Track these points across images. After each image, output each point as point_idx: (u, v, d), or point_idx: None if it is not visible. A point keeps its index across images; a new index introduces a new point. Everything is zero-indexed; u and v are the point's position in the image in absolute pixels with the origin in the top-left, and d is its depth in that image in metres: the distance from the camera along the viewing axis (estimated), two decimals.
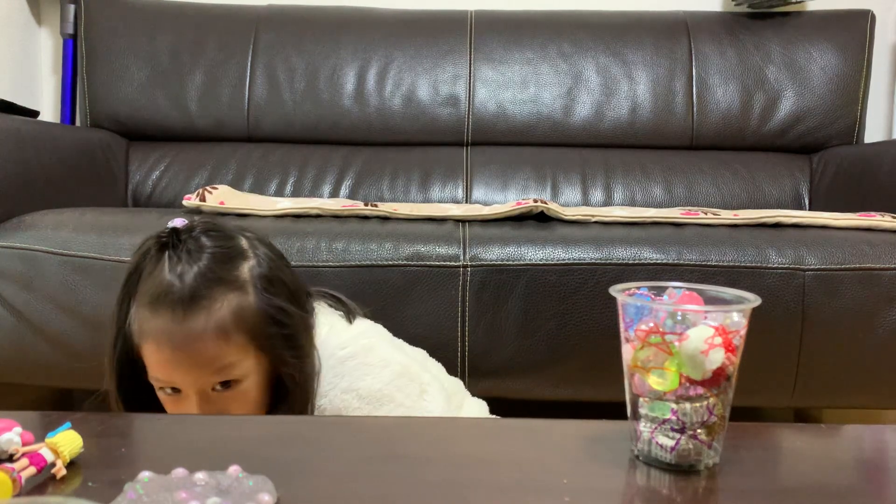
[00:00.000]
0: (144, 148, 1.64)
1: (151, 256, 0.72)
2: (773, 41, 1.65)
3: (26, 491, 0.46)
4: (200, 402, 0.70)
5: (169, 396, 0.72)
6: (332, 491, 0.47)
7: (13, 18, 1.74)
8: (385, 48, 1.65)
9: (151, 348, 0.70)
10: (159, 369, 0.71)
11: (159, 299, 0.69)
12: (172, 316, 0.69)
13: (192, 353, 0.69)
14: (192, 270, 0.70)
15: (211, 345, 0.69)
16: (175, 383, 0.71)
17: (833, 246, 1.03)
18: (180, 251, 0.71)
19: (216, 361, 0.70)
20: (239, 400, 0.72)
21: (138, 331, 0.71)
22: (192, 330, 0.69)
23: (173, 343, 0.69)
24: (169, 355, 0.69)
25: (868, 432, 0.62)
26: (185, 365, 0.69)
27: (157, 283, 0.70)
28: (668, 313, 0.50)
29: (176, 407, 0.72)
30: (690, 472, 0.50)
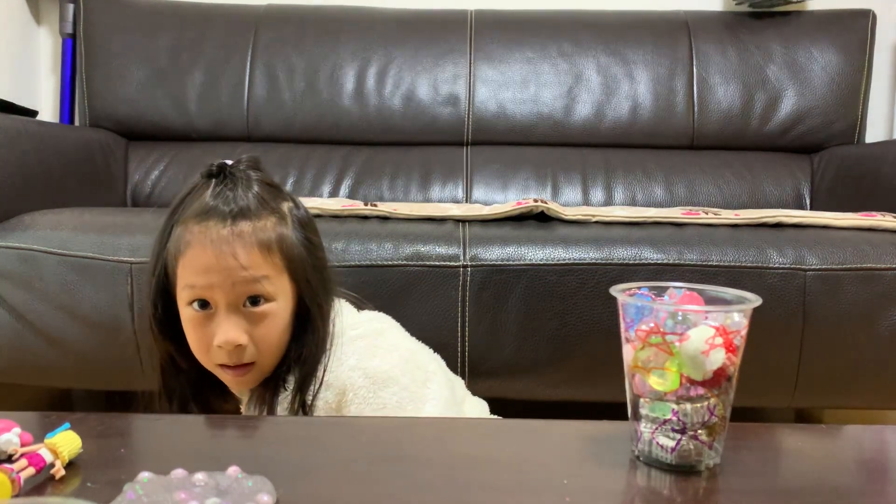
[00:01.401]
0: (144, 147, 1.64)
1: (199, 185, 0.76)
2: (774, 41, 1.65)
3: (25, 491, 0.46)
4: (230, 314, 0.71)
5: (197, 315, 0.72)
6: (332, 491, 0.47)
7: (12, 18, 1.74)
8: (385, 47, 1.65)
9: (195, 253, 0.71)
10: (199, 274, 0.71)
11: (208, 212, 0.72)
12: (221, 222, 0.71)
13: (237, 255, 0.70)
14: (241, 193, 0.73)
15: (253, 252, 0.71)
16: (210, 291, 0.71)
17: (834, 246, 1.03)
18: (229, 180, 0.74)
19: (254, 269, 0.71)
20: (266, 322, 0.73)
21: (180, 243, 0.72)
22: (238, 235, 0.71)
23: (219, 245, 0.71)
24: (212, 258, 0.70)
25: (869, 433, 0.62)
26: (226, 268, 0.70)
27: (206, 202, 0.73)
28: (669, 313, 0.50)
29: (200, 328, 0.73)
30: (691, 472, 0.50)
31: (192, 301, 0.72)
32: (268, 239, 0.73)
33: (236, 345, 0.71)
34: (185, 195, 0.76)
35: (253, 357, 0.73)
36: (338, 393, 0.75)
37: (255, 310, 0.72)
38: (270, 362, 0.75)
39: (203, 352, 0.74)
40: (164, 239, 0.75)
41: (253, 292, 0.72)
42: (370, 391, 0.74)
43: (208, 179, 0.75)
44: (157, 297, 0.75)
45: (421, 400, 0.76)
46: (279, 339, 0.75)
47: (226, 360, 0.72)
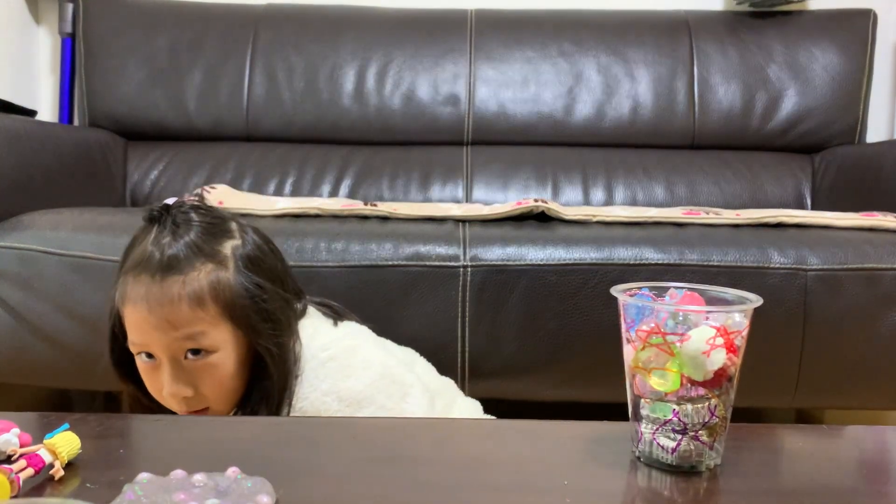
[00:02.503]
0: (143, 147, 1.64)
1: (142, 229, 0.76)
2: (775, 40, 1.64)
3: (24, 492, 0.46)
4: (172, 369, 0.72)
5: (145, 364, 0.74)
6: (331, 492, 0.47)
7: (11, 17, 1.74)
8: (385, 47, 1.65)
9: (129, 310, 0.72)
10: (135, 330, 0.72)
11: (140, 265, 0.72)
12: (151, 279, 0.71)
13: (166, 314, 0.71)
14: (175, 241, 0.73)
15: (185, 308, 0.71)
16: (149, 347, 0.72)
17: (835, 246, 1.03)
18: (167, 223, 0.74)
19: (188, 326, 0.71)
20: (210, 372, 0.73)
21: (120, 296, 0.73)
22: (168, 292, 0.71)
23: (149, 303, 0.71)
24: (145, 315, 0.71)
25: (870, 433, 0.62)
26: (159, 326, 0.71)
27: (142, 251, 0.73)
28: (670, 314, 0.50)
29: (151, 377, 0.74)
30: (692, 473, 0.50)
31: (137, 352, 0.74)
32: (199, 292, 0.72)
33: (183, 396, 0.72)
34: (134, 237, 0.77)
35: (205, 403, 0.74)
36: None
37: (198, 362, 0.72)
38: (226, 405, 0.76)
39: (159, 396, 0.75)
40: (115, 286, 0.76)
41: (191, 346, 0.72)
42: (346, 414, 0.74)
43: (150, 224, 0.75)
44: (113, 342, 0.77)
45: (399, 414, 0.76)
46: (228, 386, 0.75)
47: (179, 408, 0.74)
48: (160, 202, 0.76)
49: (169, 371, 0.72)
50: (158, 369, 0.73)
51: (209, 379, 0.73)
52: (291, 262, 1.02)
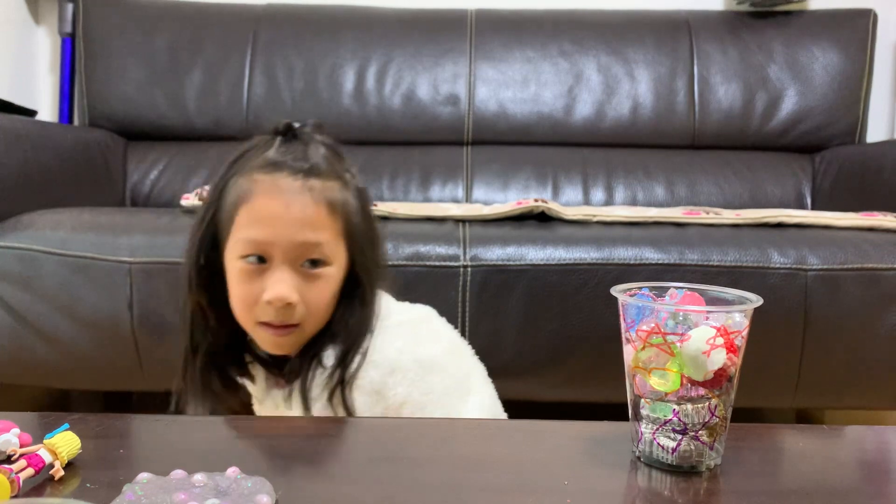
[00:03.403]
0: (143, 147, 1.64)
1: (263, 142, 0.74)
2: (775, 40, 1.64)
3: (24, 492, 0.46)
4: (286, 273, 0.69)
5: (249, 267, 0.70)
6: (332, 492, 0.47)
7: (11, 17, 1.74)
8: (385, 47, 1.65)
9: (261, 203, 0.69)
10: (263, 225, 0.69)
11: (275, 165, 0.70)
12: (291, 177, 0.70)
13: (303, 212, 0.69)
14: (309, 151, 0.72)
15: (323, 212, 0.70)
16: (270, 245, 0.69)
17: (835, 246, 1.03)
18: (297, 139, 0.73)
19: (319, 230, 0.70)
20: (319, 286, 0.71)
21: (243, 192, 0.70)
22: (309, 189, 0.70)
23: (287, 198, 0.69)
24: (282, 210, 0.68)
25: (870, 433, 0.62)
26: (292, 224, 0.69)
27: (274, 156, 0.71)
28: (670, 314, 0.50)
29: (250, 282, 0.70)
30: (692, 473, 0.50)
31: (247, 253, 0.69)
32: (334, 200, 0.71)
33: (287, 303, 0.68)
34: (246, 150, 0.74)
35: (300, 318, 0.70)
36: (385, 373, 0.73)
37: (311, 272, 0.70)
38: (314, 328, 0.73)
39: (247, 307, 0.71)
40: (219, 189, 0.73)
41: (312, 254, 0.70)
42: (418, 374, 0.73)
43: (273, 137, 0.74)
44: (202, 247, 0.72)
45: (466, 390, 0.76)
46: (328, 305, 0.72)
47: (272, 317, 0.69)
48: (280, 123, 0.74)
49: (282, 274, 0.69)
50: (262, 274, 0.69)
51: (316, 292, 0.71)
52: None
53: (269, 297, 0.68)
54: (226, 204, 0.72)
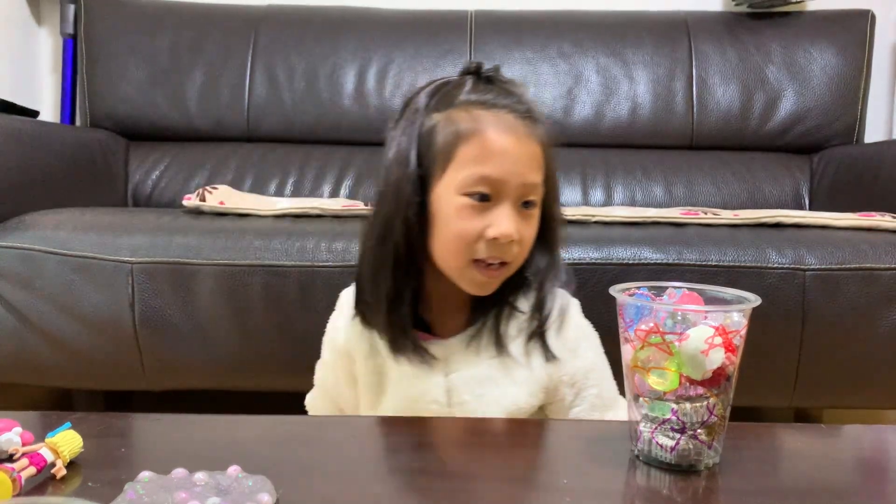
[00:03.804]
0: (144, 148, 1.64)
1: (454, 82, 0.73)
2: (774, 41, 1.65)
3: (26, 491, 0.46)
4: (511, 209, 0.68)
5: (472, 204, 0.68)
6: (332, 491, 0.47)
7: (13, 18, 1.74)
8: (385, 48, 1.65)
9: (491, 137, 0.67)
10: (493, 161, 0.67)
11: (496, 103, 0.69)
12: (515, 117, 0.69)
13: (532, 151, 0.68)
14: (518, 93, 0.71)
15: (540, 154, 0.69)
16: (496, 183, 0.67)
17: (833, 246, 1.03)
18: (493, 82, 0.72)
19: (538, 173, 0.69)
20: (530, 226, 0.70)
21: (466, 128, 0.68)
22: (535, 133, 0.69)
23: (518, 136, 0.68)
24: (512, 147, 0.67)
25: (868, 432, 0.62)
26: (521, 162, 0.68)
27: (485, 91, 0.70)
28: (669, 313, 0.50)
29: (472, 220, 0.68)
30: (690, 472, 0.50)
31: (475, 189, 0.67)
32: (547, 143, 0.71)
33: (511, 239, 0.68)
34: (438, 88, 0.73)
35: (514, 257, 0.70)
36: (579, 336, 0.74)
37: (525, 212, 0.69)
38: (516, 268, 0.72)
39: (465, 244, 0.68)
40: (419, 125, 0.71)
41: (532, 195, 0.69)
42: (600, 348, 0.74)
43: (462, 77, 0.73)
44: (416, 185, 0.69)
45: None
46: (531, 245, 0.72)
47: (493, 253, 0.68)
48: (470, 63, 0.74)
49: (508, 210, 0.67)
50: (484, 211, 0.68)
51: (528, 230, 0.70)
52: (292, 261, 1.03)
53: (496, 233, 0.67)
54: (436, 139, 0.69)
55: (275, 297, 1.03)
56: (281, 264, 1.03)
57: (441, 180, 0.69)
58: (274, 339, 1.04)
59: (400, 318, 0.71)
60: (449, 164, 0.69)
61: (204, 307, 1.03)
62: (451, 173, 0.69)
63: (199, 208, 1.17)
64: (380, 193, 0.73)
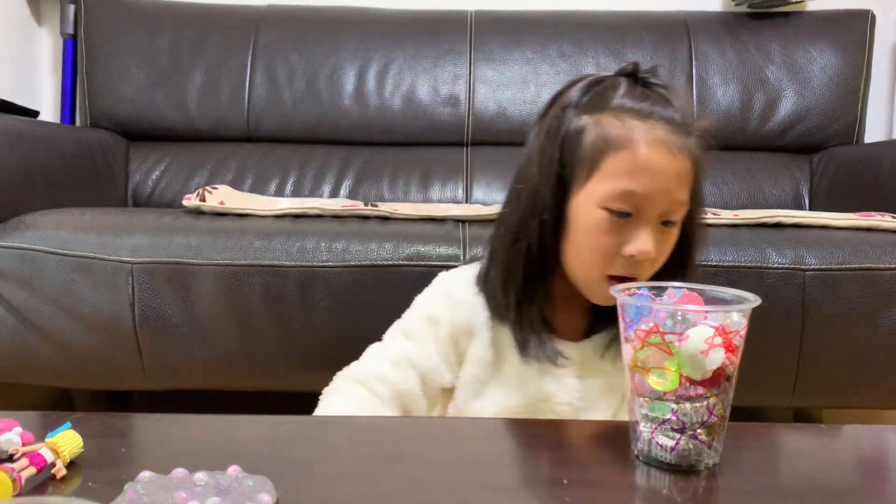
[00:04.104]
0: (144, 148, 1.64)
1: (608, 82, 0.70)
2: (774, 41, 1.65)
3: (26, 491, 0.46)
4: (651, 227, 0.65)
5: (611, 220, 0.65)
6: (332, 491, 0.47)
7: (13, 18, 1.74)
8: (385, 48, 1.65)
9: (643, 153, 0.64)
10: (642, 176, 0.64)
11: (651, 112, 0.66)
12: (667, 126, 0.65)
13: (683, 167, 0.65)
14: (673, 101, 0.68)
15: (690, 170, 0.66)
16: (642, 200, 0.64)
17: (833, 246, 1.03)
18: (650, 85, 0.69)
19: (686, 191, 0.66)
20: (667, 243, 0.68)
21: (618, 137, 0.65)
22: (688, 147, 0.66)
23: (671, 148, 0.64)
24: (665, 161, 0.64)
25: (868, 432, 0.62)
26: (672, 178, 0.64)
27: (641, 98, 0.67)
28: (668, 313, 0.50)
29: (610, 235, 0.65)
30: (690, 472, 0.50)
31: (618, 206, 0.65)
32: (698, 158, 0.67)
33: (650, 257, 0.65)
34: (591, 85, 0.70)
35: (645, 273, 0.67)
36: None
37: (665, 228, 0.67)
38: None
39: (600, 258, 0.66)
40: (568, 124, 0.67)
41: (676, 214, 0.66)
42: None
43: (617, 77, 0.70)
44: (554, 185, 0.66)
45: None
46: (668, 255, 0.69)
47: (628, 270, 0.66)
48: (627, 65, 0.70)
49: (650, 228, 0.65)
50: (625, 226, 0.65)
51: (664, 249, 0.67)
52: (292, 261, 1.03)
53: (635, 251, 0.64)
54: (583, 143, 0.66)
55: (275, 297, 1.03)
56: (281, 264, 1.03)
57: (583, 188, 0.66)
58: (274, 339, 1.04)
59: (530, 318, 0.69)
60: (594, 172, 0.66)
61: (204, 307, 1.03)
62: (595, 184, 0.66)
63: (199, 208, 1.17)
64: (517, 190, 0.71)
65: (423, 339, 0.77)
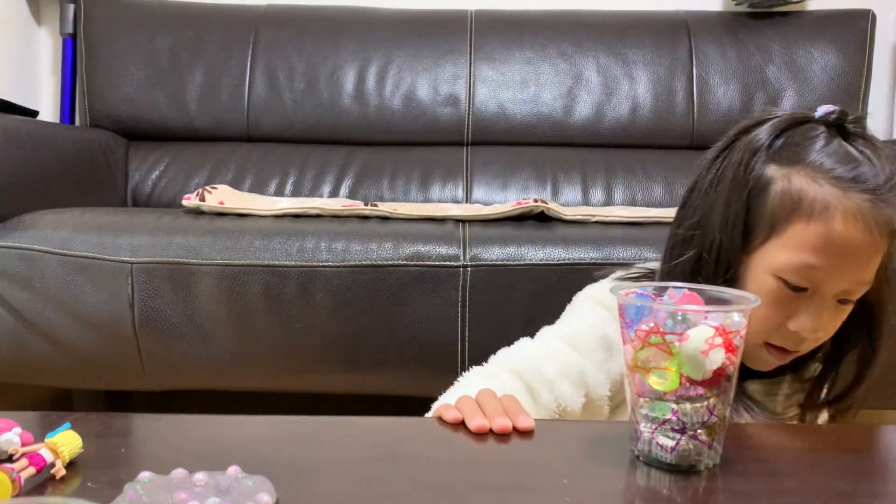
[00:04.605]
0: (144, 148, 1.64)
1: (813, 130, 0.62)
2: (774, 41, 1.65)
3: (26, 491, 0.46)
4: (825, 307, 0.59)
5: (783, 292, 0.60)
6: (332, 491, 0.47)
7: (12, 18, 1.74)
8: (385, 48, 1.65)
9: (836, 229, 0.57)
10: (831, 256, 0.58)
11: (854, 177, 0.58)
12: (871, 198, 0.58)
13: (875, 246, 0.58)
14: (880, 162, 0.59)
15: (882, 247, 0.59)
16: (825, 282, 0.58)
17: None
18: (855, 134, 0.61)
19: (875, 265, 0.59)
20: (840, 318, 0.62)
21: (813, 203, 0.58)
22: (886, 222, 0.58)
23: (868, 227, 0.57)
24: (858, 242, 0.57)
25: (870, 433, 0.62)
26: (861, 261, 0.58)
27: (843, 158, 0.59)
28: (669, 313, 0.50)
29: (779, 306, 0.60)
30: (691, 472, 0.50)
31: (795, 280, 0.59)
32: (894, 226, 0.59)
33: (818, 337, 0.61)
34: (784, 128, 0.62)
35: (809, 348, 0.63)
36: None
37: (840, 306, 0.61)
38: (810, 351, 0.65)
39: (764, 327, 0.61)
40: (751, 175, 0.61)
41: (854, 294, 0.60)
42: None
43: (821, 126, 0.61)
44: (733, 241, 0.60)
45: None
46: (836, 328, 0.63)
47: (789, 344, 0.62)
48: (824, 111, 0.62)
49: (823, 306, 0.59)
50: (794, 301, 0.60)
51: (834, 325, 0.62)
52: (292, 261, 1.03)
53: (799, 328, 0.60)
54: (768, 199, 0.60)
55: (275, 297, 1.03)
56: (280, 264, 1.03)
57: (759, 248, 0.61)
58: (274, 339, 1.04)
59: None
60: (773, 234, 0.60)
61: (204, 307, 1.03)
62: (774, 248, 0.60)
63: (199, 208, 1.17)
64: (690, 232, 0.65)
65: (598, 360, 0.69)
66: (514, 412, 0.56)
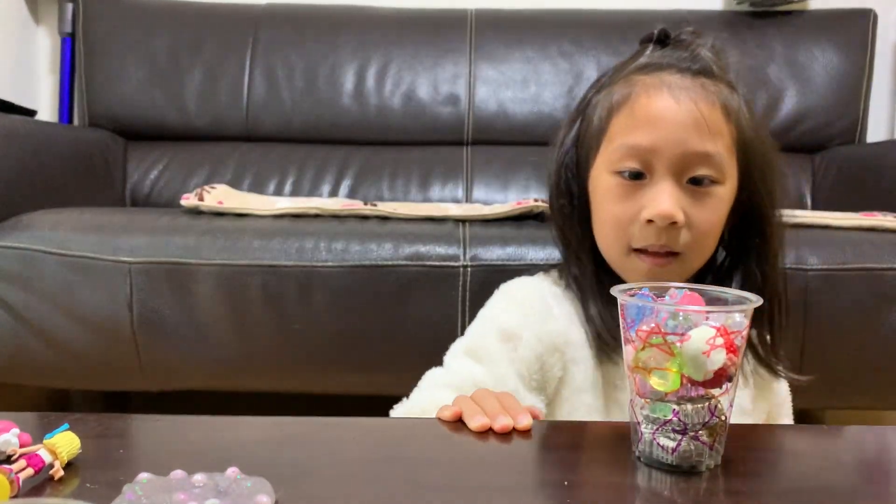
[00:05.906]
0: (143, 147, 1.64)
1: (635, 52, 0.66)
2: (775, 40, 1.64)
3: (24, 492, 0.46)
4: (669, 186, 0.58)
5: (623, 183, 0.60)
6: (331, 492, 0.47)
7: (11, 17, 1.74)
8: (385, 47, 1.65)
9: (643, 102, 0.60)
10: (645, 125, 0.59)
11: (661, 65, 0.62)
12: (680, 75, 0.61)
13: (693, 111, 0.59)
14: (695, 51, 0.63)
15: (717, 115, 0.60)
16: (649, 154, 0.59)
17: (835, 246, 1.03)
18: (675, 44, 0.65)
19: (711, 138, 0.59)
20: (706, 206, 0.60)
21: (619, 97, 0.61)
22: (703, 90, 0.60)
23: (677, 92, 0.59)
24: (668, 102, 0.59)
25: (871, 433, 0.62)
26: (682, 126, 0.58)
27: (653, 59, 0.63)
28: (670, 314, 0.50)
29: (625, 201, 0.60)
30: (692, 473, 0.50)
31: (624, 165, 0.60)
32: (729, 104, 0.61)
33: (671, 222, 0.58)
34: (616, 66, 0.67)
35: (683, 245, 0.60)
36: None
37: (698, 190, 0.60)
38: (698, 260, 0.62)
39: (620, 229, 0.61)
40: (582, 106, 0.65)
41: (700, 168, 0.59)
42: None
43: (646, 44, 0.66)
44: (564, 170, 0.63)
45: None
46: (716, 232, 0.61)
47: (652, 240, 0.60)
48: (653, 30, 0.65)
49: (664, 186, 0.58)
50: (640, 190, 0.60)
51: (704, 213, 0.60)
52: (291, 261, 1.03)
53: (650, 214, 0.59)
54: (593, 118, 0.63)
55: (274, 297, 1.02)
56: (280, 264, 1.02)
57: (596, 161, 0.62)
58: (273, 339, 1.04)
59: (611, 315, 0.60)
60: (601, 142, 0.62)
61: (202, 307, 1.03)
62: (604, 152, 0.62)
63: (198, 208, 1.17)
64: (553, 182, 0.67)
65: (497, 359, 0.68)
66: (514, 411, 0.56)
